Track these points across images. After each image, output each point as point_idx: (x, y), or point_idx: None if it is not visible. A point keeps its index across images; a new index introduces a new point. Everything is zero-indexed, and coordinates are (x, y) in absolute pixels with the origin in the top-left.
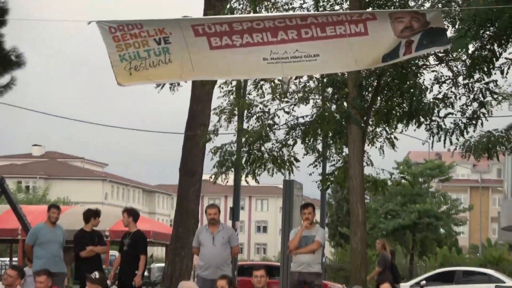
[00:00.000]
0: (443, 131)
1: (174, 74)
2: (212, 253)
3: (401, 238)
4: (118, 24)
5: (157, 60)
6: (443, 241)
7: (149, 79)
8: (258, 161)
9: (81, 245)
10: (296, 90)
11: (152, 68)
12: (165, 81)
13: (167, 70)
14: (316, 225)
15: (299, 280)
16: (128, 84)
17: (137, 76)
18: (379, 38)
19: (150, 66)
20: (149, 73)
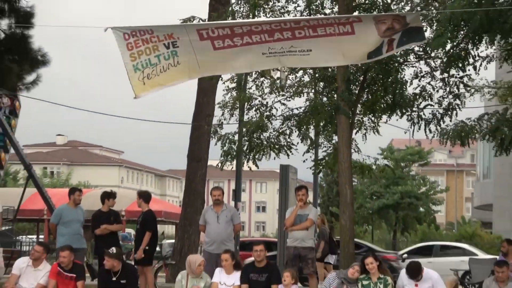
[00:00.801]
0: (423, 121)
1: (182, 76)
2: (217, 230)
3: (385, 216)
4: (132, 30)
5: (167, 64)
6: (422, 219)
7: (161, 84)
8: (258, 148)
9: (98, 224)
10: (291, 85)
11: (162, 74)
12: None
13: (176, 72)
14: (309, 205)
15: (294, 254)
16: (143, 95)
17: (150, 85)
18: (364, 37)
19: (160, 71)
20: (160, 79)
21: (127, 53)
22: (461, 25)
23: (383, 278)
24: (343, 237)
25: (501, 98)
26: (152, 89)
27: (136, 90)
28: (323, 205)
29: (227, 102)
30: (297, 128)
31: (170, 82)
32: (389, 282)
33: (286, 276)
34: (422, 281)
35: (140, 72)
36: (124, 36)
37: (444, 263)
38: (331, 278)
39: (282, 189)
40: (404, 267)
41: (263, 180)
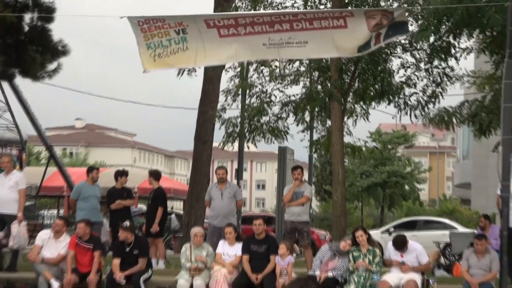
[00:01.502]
0: (408, 107)
1: (189, 60)
2: (221, 206)
3: (374, 193)
4: (145, 18)
5: (177, 48)
6: (407, 196)
7: (170, 64)
8: (258, 131)
9: (112, 199)
10: (288, 74)
11: (172, 55)
12: (182, 67)
13: (184, 56)
14: (305, 183)
15: (291, 228)
16: (152, 70)
17: (160, 63)
18: (355, 31)
19: (171, 53)
20: (169, 59)
21: (141, 35)
22: (443, 20)
23: (372, 250)
24: (335, 212)
25: (479, 87)
26: (161, 67)
27: (145, 64)
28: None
29: (230, 90)
30: (294, 113)
31: (177, 65)
32: (377, 253)
33: (281, 247)
34: (407, 253)
35: (152, 50)
36: (138, 23)
37: (427, 236)
38: (324, 250)
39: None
40: (391, 240)
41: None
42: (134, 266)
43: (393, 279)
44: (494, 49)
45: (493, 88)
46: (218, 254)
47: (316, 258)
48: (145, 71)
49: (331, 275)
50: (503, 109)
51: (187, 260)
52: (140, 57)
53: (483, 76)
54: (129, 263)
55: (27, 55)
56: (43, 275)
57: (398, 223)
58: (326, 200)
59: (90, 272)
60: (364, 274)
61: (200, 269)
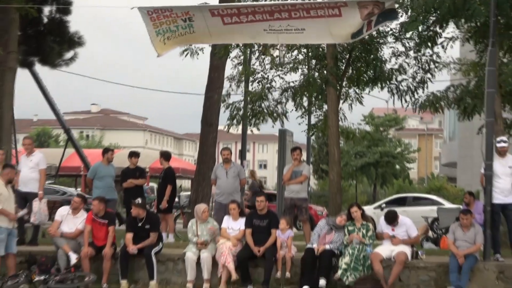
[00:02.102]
0: (399, 92)
1: (196, 40)
2: (226, 184)
3: (367, 172)
4: (154, 8)
5: (184, 32)
6: (398, 175)
7: (178, 44)
8: (259, 115)
9: (125, 178)
10: (288, 62)
11: (180, 37)
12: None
13: (191, 37)
14: (303, 162)
15: (290, 204)
16: (164, 53)
17: (169, 44)
18: (349, 19)
19: (179, 35)
20: (178, 40)
21: (150, 23)
22: (431, 11)
23: (365, 224)
24: (331, 190)
25: (464, 73)
26: (171, 47)
27: (158, 49)
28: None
29: (234, 76)
30: (293, 99)
31: (185, 43)
32: (370, 227)
33: (282, 222)
34: (398, 227)
35: (162, 36)
36: (148, 12)
37: (416, 212)
38: (322, 225)
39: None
40: (383, 215)
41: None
42: (146, 240)
43: (384, 251)
44: (478, 38)
45: (477, 74)
46: (223, 229)
47: (314, 232)
48: (159, 56)
49: (328, 248)
50: (486, 94)
51: (193, 235)
52: (152, 44)
53: (468, 64)
54: (141, 237)
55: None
56: (62, 248)
57: (390, 200)
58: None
59: (105, 246)
60: (358, 247)
61: (206, 244)
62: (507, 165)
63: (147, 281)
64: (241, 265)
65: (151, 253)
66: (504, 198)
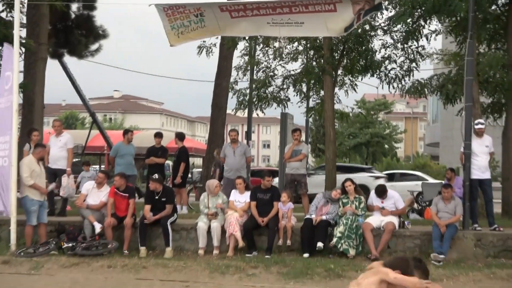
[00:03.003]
0: (388, 80)
1: (207, 33)
2: (233, 161)
3: (359, 151)
4: (169, 5)
5: (196, 27)
6: (387, 153)
7: (191, 38)
8: (264, 100)
9: (148, 155)
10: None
11: (192, 32)
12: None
13: (202, 31)
14: (302, 142)
15: (291, 179)
16: (177, 44)
17: (183, 38)
18: (343, 14)
19: (191, 30)
20: (190, 34)
21: (166, 19)
22: (417, 7)
23: (358, 197)
24: (327, 167)
25: (446, 63)
26: (184, 41)
27: (171, 40)
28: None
29: (241, 66)
30: (293, 85)
31: (197, 37)
32: (362, 200)
33: (283, 196)
34: (387, 199)
35: (176, 30)
36: (163, 9)
37: (403, 186)
38: (319, 198)
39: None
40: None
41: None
42: (162, 211)
43: (375, 221)
44: (459, 31)
45: (457, 64)
46: (231, 202)
47: (312, 205)
48: (172, 46)
49: (325, 218)
50: (465, 81)
51: (205, 207)
52: (166, 35)
53: (449, 54)
54: (158, 208)
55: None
56: (88, 218)
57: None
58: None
59: (126, 216)
60: (351, 217)
61: (216, 215)
62: (484, 145)
63: (163, 248)
64: (246, 234)
65: (167, 223)
66: (481, 174)
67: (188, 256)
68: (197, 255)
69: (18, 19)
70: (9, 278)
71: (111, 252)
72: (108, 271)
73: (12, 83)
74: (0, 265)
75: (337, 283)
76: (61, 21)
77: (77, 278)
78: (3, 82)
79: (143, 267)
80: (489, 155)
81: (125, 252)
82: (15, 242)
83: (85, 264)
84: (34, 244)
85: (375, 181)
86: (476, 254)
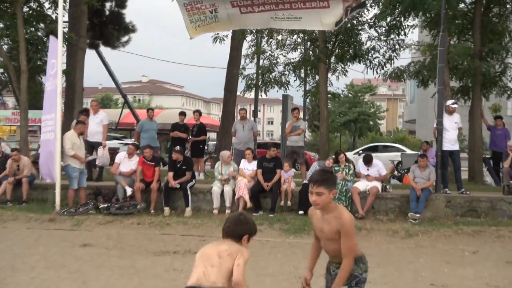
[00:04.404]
0: (373, 66)
1: (220, 28)
2: (242, 135)
3: (348, 127)
4: (189, 1)
5: (210, 21)
6: (372, 129)
7: (206, 30)
8: (268, 83)
9: (173, 130)
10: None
11: (207, 25)
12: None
13: (216, 25)
14: (301, 119)
15: (291, 151)
16: (195, 36)
17: (199, 30)
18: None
19: (207, 24)
20: (206, 28)
21: (185, 13)
22: (397, 5)
23: (347, 165)
24: (322, 140)
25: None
26: (201, 33)
27: (190, 33)
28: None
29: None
30: (293, 71)
31: (212, 30)
32: (351, 168)
33: (285, 165)
34: (372, 167)
35: (194, 23)
36: (184, 5)
37: (385, 156)
38: (314, 166)
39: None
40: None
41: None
42: (183, 177)
43: (361, 186)
44: (432, 26)
45: (431, 53)
46: (241, 169)
47: (309, 172)
48: (191, 38)
49: None
50: (438, 68)
51: (219, 174)
52: (186, 28)
53: (424, 45)
54: (179, 175)
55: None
56: (120, 183)
57: (365, 147)
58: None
59: (152, 181)
60: (342, 182)
61: (228, 180)
62: (453, 121)
63: (183, 208)
64: (253, 196)
65: (186, 187)
66: (451, 146)
67: (204, 215)
68: (212, 214)
69: (61, 16)
70: (54, 233)
71: (139, 211)
72: (137, 228)
73: (57, 69)
74: (47, 222)
75: None
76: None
77: (111, 233)
78: (49, 69)
79: (166, 224)
80: (458, 130)
81: (151, 212)
82: (59, 203)
83: (118, 221)
84: (75, 205)
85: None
86: (447, 213)
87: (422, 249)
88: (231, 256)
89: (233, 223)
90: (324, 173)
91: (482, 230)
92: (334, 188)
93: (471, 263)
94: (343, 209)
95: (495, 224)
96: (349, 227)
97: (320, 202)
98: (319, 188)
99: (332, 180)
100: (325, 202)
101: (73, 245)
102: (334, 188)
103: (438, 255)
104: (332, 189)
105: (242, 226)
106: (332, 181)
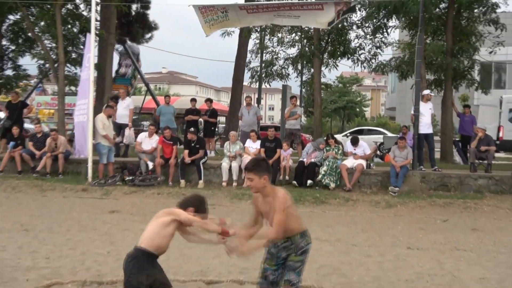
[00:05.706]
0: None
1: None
2: (248, 119)
3: (338, 113)
4: (203, 6)
5: (222, 20)
6: (358, 115)
7: (219, 27)
8: (270, 75)
9: (187, 114)
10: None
11: (219, 23)
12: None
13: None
14: (298, 106)
15: (289, 133)
16: (210, 33)
17: (213, 28)
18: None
19: (219, 22)
20: (218, 25)
21: (201, 15)
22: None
23: (337, 146)
24: (315, 124)
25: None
26: (215, 30)
27: (206, 31)
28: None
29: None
30: (292, 65)
31: (224, 27)
32: (340, 148)
33: (284, 145)
34: (358, 147)
35: (208, 23)
36: (199, 8)
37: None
38: (309, 146)
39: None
40: (349, 140)
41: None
42: (197, 155)
43: (349, 163)
44: (411, 27)
45: (410, 50)
46: (246, 148)
47: (304, 151)
48: (207, 35)
49: (313, 161)
50: (416, 63)
51: (227, 151)
52: (202, 28)
53: (404, 43)
54: (193, 153)
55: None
56: (143, 159)
57: (352, 130)
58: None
59: (170, 158)
60: (332, 160)
61: (235, 157)
62: (428, 108)
63: (197, 181)
64: None
65: (200, 163)
66: (426, 129)
67: (215, 187)
68: (221, 186)
69: (94, 16)
70: (87, 201)
71: (159, 183)
72: (157, 197)
73: (90, 61)
74: (81, 191)
75: (321, 207)
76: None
77: (135, 201)
78: (85, 61)
79: (182, 194)
80: (431, 115)
81: (169, 184)
82: (91, 175)
83: (141, 192)
84: (105, 177)
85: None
86: (422, 187)
87: (400, 218)
88: (168, 213)
89: (187, 197)
90: (255, 161)
91: (451, 202)
92: (265, 173)
93: (442, 230)
94: (279, 190)
95: (463, 197)
96: (281, 203)
97: (253, 186)
98: (250, 174)
99: (262, 167)
100: (257, 186)
101: (103, 211)
102: (265, 173)
103: (414, 223)
104: (263, 174)
105: (191, 200)
106: (263, 168)
